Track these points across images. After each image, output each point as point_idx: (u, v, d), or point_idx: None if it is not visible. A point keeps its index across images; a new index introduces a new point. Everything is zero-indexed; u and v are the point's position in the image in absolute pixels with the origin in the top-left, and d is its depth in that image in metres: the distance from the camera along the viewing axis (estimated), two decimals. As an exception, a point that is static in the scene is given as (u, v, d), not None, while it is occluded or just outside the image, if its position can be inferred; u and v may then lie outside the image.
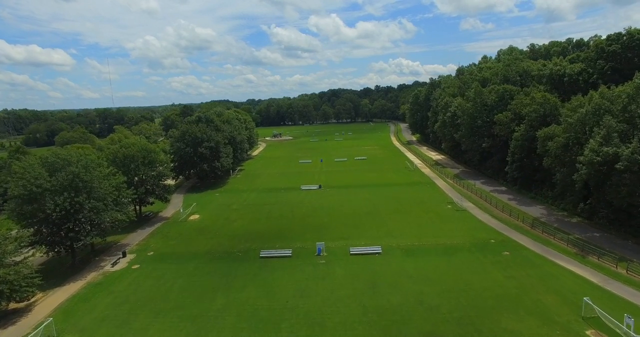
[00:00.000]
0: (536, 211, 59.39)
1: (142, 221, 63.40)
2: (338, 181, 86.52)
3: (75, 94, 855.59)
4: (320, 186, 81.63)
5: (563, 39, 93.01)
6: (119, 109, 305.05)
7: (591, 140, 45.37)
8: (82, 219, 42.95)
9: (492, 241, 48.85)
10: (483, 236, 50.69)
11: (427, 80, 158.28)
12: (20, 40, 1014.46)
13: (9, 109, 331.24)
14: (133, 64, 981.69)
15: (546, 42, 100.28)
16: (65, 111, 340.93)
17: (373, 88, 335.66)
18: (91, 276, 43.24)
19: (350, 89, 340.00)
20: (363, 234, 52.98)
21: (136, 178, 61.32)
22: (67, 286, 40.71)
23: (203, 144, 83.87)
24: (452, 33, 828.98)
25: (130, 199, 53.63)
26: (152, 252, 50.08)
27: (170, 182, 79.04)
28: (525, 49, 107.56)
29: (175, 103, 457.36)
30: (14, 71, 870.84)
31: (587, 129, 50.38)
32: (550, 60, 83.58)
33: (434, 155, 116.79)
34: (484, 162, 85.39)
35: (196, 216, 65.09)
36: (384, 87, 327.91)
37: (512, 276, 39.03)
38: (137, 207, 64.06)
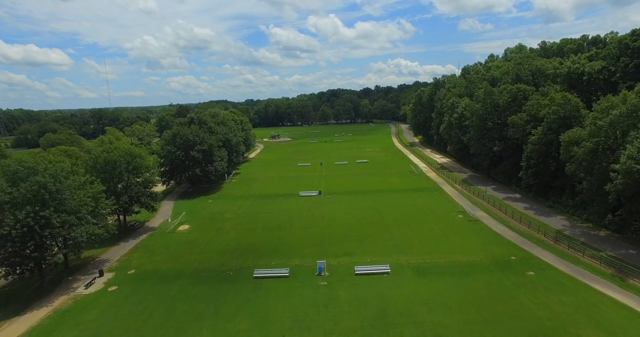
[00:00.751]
0: (557, 222, 54.24)
1: (127, 232, 58.03)
2: (339, 187, 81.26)
3: (73, 94, 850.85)
4: (320, 192, 76.37)
5: (578, 36, 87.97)
6: (116, 109, 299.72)
7: (628, 146, 40.10)
8: (50, 236, 37.56)
9: (513, 257, 43.77)
10: (502, 251, 45.61)
11: (426, 81, 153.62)
12: (18, 40, 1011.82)
13: (3, 109, 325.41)
14: (131, 63, 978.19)
15: (557, 40, 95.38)
16: (60, 111, 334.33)
17: (373, 88, 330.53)
18: (59, 301, 37.75)
19: (350, 89, 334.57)
20: (368, 249, 47.81)
21: (120, 186, 56.03)
22: (29, 315, 35.13)
23: (195, 147, 78.51)
24: (451, 34, 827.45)
25: (110, 210, 48.31)
26: (133, 271, 44.76)
27: (159, 188, 73.76)
28: (536, 46, 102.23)
29: (174, 103, 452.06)
30: (11, 71, 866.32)
31: (618, 132, 45.25)
32: (565, 58, 78.48)
33: (439, 158, 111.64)
34: (494, 167, 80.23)
35: (186, 226, 59.78)
36: (384, 88, 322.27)
37: (543, 303, 33.89)
38: (121, 217, 58.71)
